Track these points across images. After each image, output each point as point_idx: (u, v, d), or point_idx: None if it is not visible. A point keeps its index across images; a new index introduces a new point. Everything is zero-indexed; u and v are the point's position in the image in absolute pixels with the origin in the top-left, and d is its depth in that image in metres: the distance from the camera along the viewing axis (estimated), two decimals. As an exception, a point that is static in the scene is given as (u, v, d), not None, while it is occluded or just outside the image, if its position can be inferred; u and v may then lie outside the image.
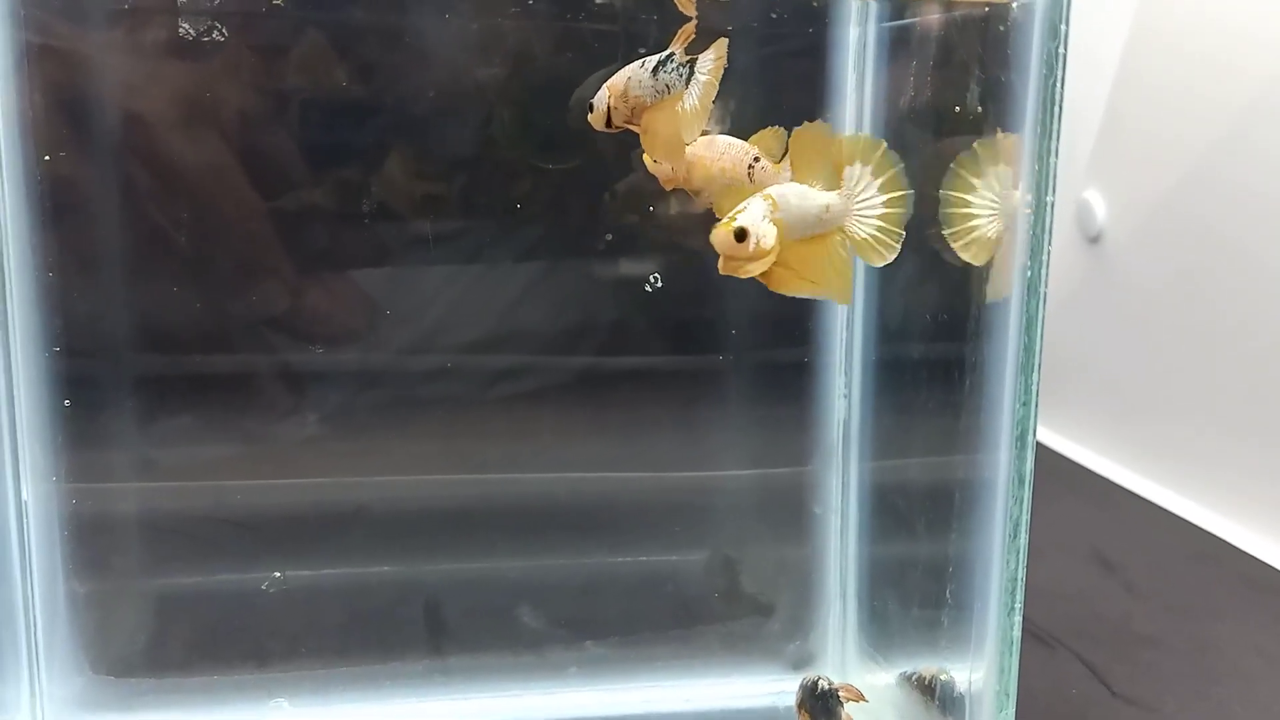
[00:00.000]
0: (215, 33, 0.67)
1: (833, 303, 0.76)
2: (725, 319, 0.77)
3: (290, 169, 0.70)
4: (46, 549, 0.70)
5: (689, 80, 0.56)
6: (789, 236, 0.55)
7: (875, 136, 0.66)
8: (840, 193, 0.57)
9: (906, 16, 0.69)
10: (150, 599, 0.74)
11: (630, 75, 0.57)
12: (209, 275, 0.71)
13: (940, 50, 0.66)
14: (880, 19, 0.70)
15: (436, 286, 0.74)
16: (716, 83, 0.56)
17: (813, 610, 0.79)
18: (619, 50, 0.67)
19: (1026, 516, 0.63)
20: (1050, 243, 0.60)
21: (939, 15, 0.66)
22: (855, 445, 0.78)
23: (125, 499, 0.73)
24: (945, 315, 0.69)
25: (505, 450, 0.78)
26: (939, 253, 0.65)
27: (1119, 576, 1.02)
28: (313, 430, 0.73)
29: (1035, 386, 0.62)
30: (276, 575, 0.73)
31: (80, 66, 0.66)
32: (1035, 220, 0.60)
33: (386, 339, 0.74)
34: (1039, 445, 0.64)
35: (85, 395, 0.69)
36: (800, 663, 0.79)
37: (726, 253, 0.54)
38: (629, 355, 0.78)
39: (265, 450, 0.74)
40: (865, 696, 0.68)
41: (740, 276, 0.55)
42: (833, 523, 0.79)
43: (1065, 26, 0.57)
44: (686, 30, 0.56)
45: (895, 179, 0.57)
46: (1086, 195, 1.36)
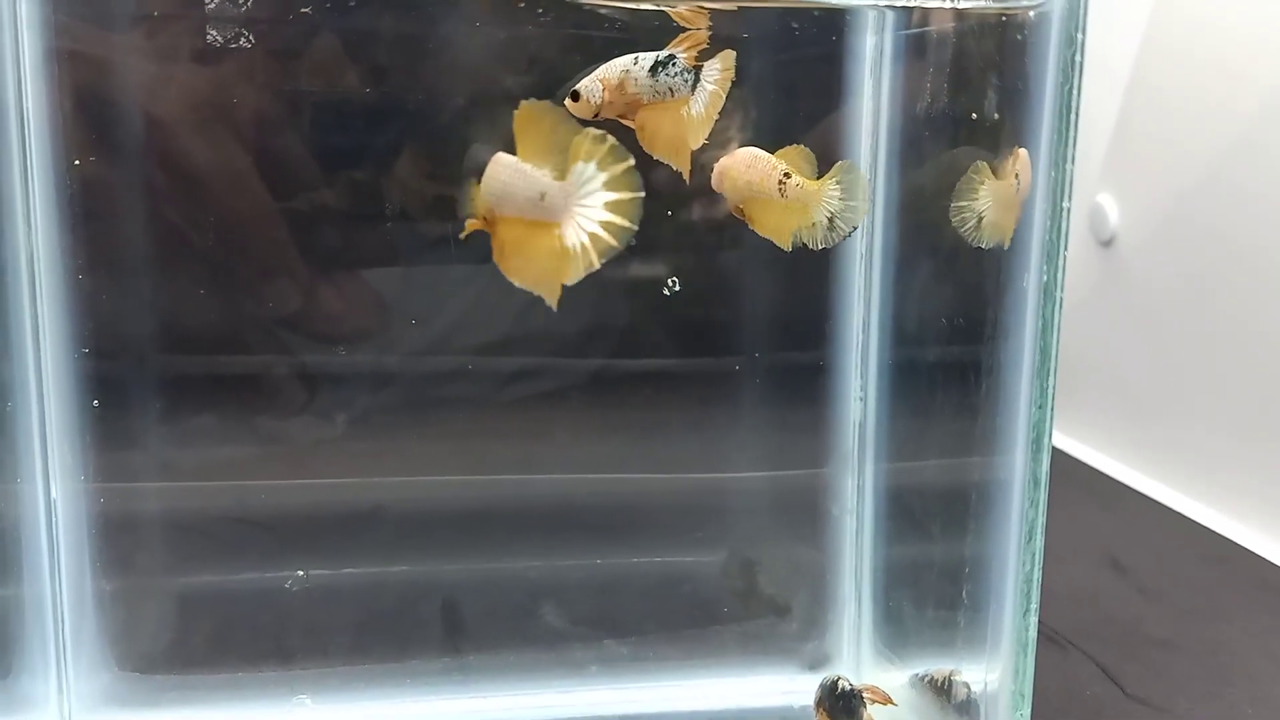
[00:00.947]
0: (243, 39, 0.68)
1: (849, 305, 0.77)
2: (741, 321, 0.78)
3: (316, 171, 0.71)
4: (75, 547, 0.71)
5: (694, 86, 0.56)
6: (499, 210, 0.53)
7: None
8: (563, 184, 0.53)
9: (923, 25, 0.69)
10: (175, 597, 0.75)
11: (626, 70, 0.56)
12: (237, 279, 0.71)
13: (957, 58, 0.67)
14: (897, 27, 0.71)
15: (456, 287, 0.74)
16: (724, 94, 0.56)
17: (828, 611, 0.80)
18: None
19: (1042, 519, 0.64)
20: (1066, 248, 0.61)
21: (955, 24, 0.66)
22: (871, 447, 0.78)
23: (151, 498, 0.73)
24: (961, 319, 0.69)
25: (522, 451, 0.78)
26: (955, 257, 0.65)
27: (1131, 579, 1.03)
28: (335, 431, 0.74)
29: (1051, 390, 0.62)
30: (300, 574, 0.74)
31: (110, 72, 0.67)
32: (1051, 226, 0.60)
33: (406, 340, 0.75)
34: (1052, 448, 0.64)
35: (113, 396, 0.70)
36: (816, 663, 0.80)
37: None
38: (645, 357, 0.79)
39: (288, 450, 0.74)
40: (893, 700, 0.68)
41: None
42: (848, 524, 0.79)
43: (1081, 35, 0.58)
44: (698, 37, 0.56)
45: (624, 178, 0.53)
46: (1100, 199, 1.36)
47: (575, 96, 0.57)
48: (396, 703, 0.76)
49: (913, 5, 0.67)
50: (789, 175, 0.59)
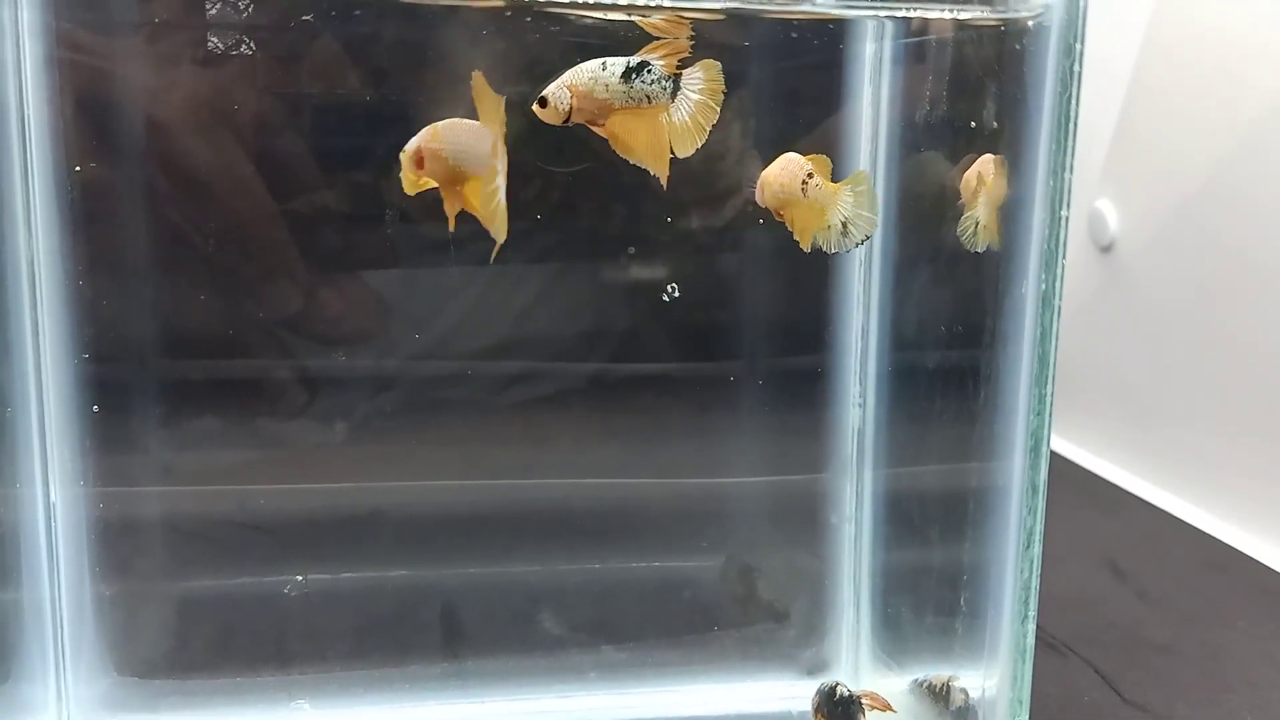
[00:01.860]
0: (244, 45, 0.68)
1: (848, 312, 0.77)
2: (740, 327, 0.78)
3: (316, 175, 0.71)
4: (74, 552, 0.71)
5: (674, 94, 0.56)
6: (439, 179, 0.56)
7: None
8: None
9: (922, 34, 0.70)
10: (174, 601, 0.75)
11: (594, 77, 0.56)
12: (238, 284, 0.71)
13: (956, 67, 0.67)
14: (897, 36, 0.71)
15: (459, 290, 0.75)
16: (716, 106, 0.56)
17: (827, 616, 0.80)
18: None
19: (1040, 526, 0.64)
20: (1065, 255, 0.61)
21: (955, 33, 0.66)
22: (869, 453, 0.78)
23: (150, 503, 0.73)
24: (960, 325, 0.70)
25: (521, 455, 0.78)
26: (954, 262, 0.65)
27: (1131, 584, 1.03)
28: (334, 435, 0.74)
29: (1049, 397, 0.62)
30: (299, 579, 0.74)
31: (110, 78, 0.67)
32: (1050, 234, 0.60)
33: (408, 345, 0.75)
34: (1050, 453, 0.65)
35: (113, 400, 0.70)
36: (814, 669, 0.80)
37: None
38: (645, 362, 0.79)
39: (287, 455, 0.75)
40: (892, 706, 0.68)
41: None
42: (847, 530, 0.79)
43: (1080, 45, 0.58)
44: (678, 46, 0.56)
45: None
46: (1099, 205, 1.37)
47: (543, 103, 0.57)
48: (395, 707, 0.76)
49: (913, 15, 0.67)
50: (811, 175, 0.60)
